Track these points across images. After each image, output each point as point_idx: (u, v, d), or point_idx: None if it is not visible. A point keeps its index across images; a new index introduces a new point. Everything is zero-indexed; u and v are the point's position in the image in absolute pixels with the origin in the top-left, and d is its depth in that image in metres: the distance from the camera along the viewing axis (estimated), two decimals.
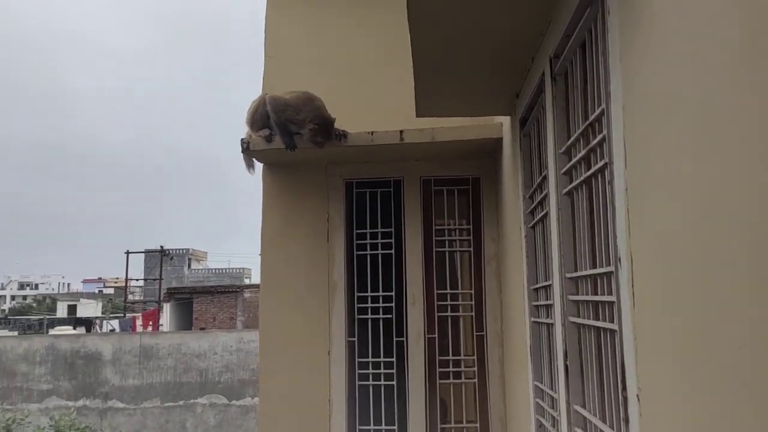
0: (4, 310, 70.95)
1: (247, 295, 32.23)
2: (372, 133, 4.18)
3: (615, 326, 1.76)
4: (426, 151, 4.38)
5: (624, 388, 1.67)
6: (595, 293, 2.04)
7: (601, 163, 1.85)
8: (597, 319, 2.02)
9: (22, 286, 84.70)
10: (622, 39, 1.61)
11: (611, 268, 1.78)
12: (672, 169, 1.33)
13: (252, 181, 4.64)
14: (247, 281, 43.03)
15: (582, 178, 2.12)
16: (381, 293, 4.61)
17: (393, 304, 4.60)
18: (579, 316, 2.27)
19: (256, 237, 4.64)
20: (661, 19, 1.39)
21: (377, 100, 4.56)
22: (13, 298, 79.30)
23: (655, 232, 1.44)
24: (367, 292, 4.62)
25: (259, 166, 4.65)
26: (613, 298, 1.76)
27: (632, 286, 1.59)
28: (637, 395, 1.57)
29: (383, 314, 4.59)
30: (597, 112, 1.87)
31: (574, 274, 2.30)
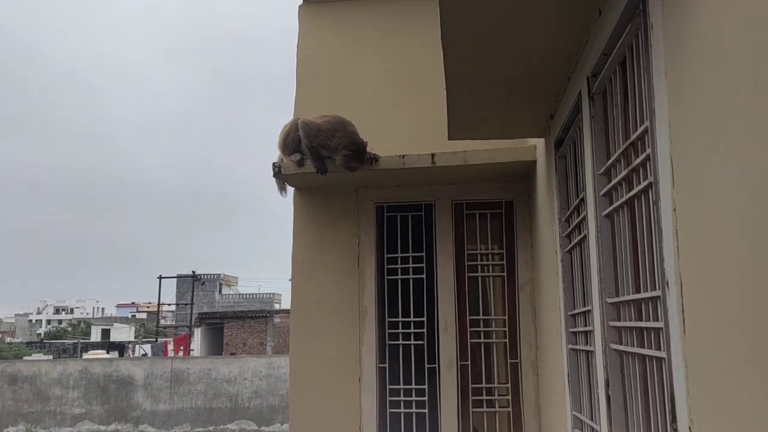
0: (39, 334, 72.22)
1: (277, 320, 32.31)
2: (403, 156, 4.15)
3: (663, 354, 1.68)
4: (458, 174, 4.33)
5: (674, 420, 1.58)
6: (640, 319, 1.95)
7: (645, 183, 1.78)
8: (642, 346, 1.93)
9: (57, 311, 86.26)
10: (667, 54, 1.56)
11: (658, 293, 1.70)
12: (727, 188, 1.26)
13: (283, 206, 4.67)
14: (277, 306, 43.16)
15: (623, 199, 2.04)
16: (412, 319, 4.53)
17: (424, 330, 4.52)
18: (621, 343, 2.17)
19: (286, 262, 4.62)
20: (710, 34, 1.33)
21: (409, 124, 4.54)
22: (48, 322, 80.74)
23: (708, 253, 1.36)
24: (398, 317, 4.55)
25: (290, 190, 4.65)
26: (660, 324, 1.68)
27: (682, 311, 1.51)
28: (689, 427, 1.48)
29: (414, 340, 4.51)
30: (640, 130, 1.81)
31: (616, 299, 2.21)
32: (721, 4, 1.30)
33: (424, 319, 4.52)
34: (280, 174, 4.33)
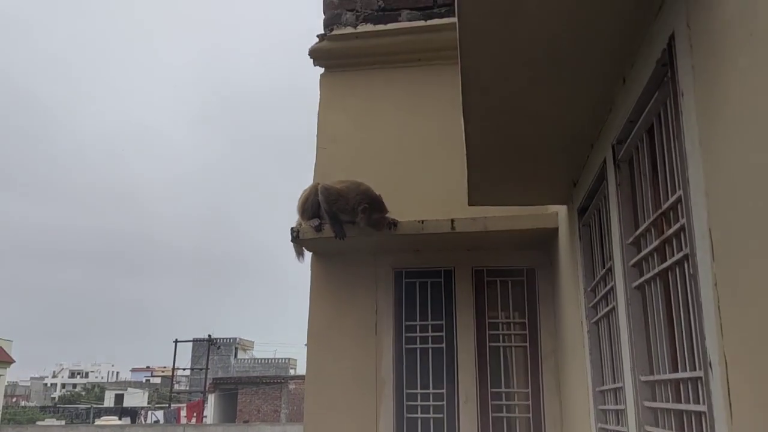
0: (54, 398, 71.62)
1: (292, 386, 31.74)
2: (422, 221, 4.09)
3: None
4: (478, 240, 4.25)
5: None
6: (679, 400, 1.82)
7: (680, 255, 1.69)
8: (682, 430, 1.79)
9: (72, 374, 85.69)
10: (700, 121, 1.50)
11: (699, 373, 1.58)
12: None
13: (300, 270, 4.60)
14: (292, 372, 42.53)
15: (656, 270, 1.95)
16: (431, 390, 4.36)
17: (444, 402, 4.34)
18: (658, 426, 2.03)
19: (302, 326, 4.51)
20: (747, 99, 1.27)
21: (428, 189, 4.50)
22: (63, 386, 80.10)
23: (756, 332, 1.26)
24: (416, 388, 4.38)
25: (308, 255, 4.59)
26: (703, 408, 1.55)
27: (728, 394, 1.39)
28: None
29: (434, 413, 4.33)
30: (672, 199, 1.73)
31: (650, 378, 2.08)
32: (754, 66, 1.24)
33: (444, 390, 4.35)
34: (298, 239, 4.29)
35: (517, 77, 2.24)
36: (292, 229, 4.33)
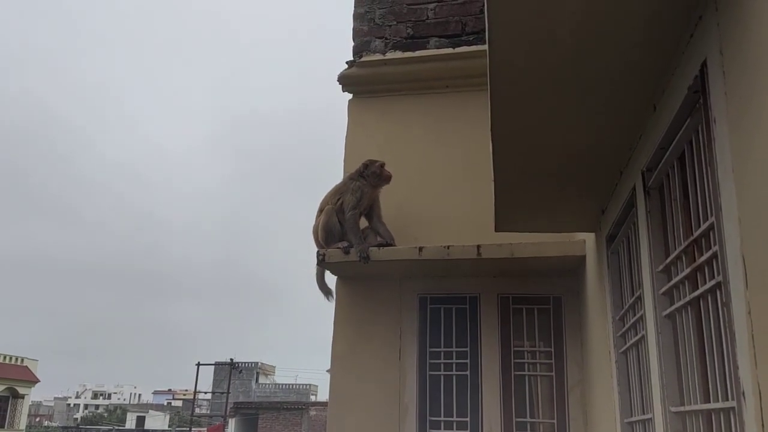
0: (77, 419, 72.07)
1: (312, 412, 31.53)
2: (448, 247, 4.09)
3: None
4: (504, 267, 4.22)
5: None
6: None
7: (712, 283, 1.67)
8: None
9: (95, 395, 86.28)
10: (733, 148, 1.49)
11: (732, 404, 1.55)
12: None
13: (321, 298, 4.63)
14: (313, 398, 42.28)
15: (687, 299, 1.92)
16: (455, 419, 4.31)
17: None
18: None
19: (324, 351, 4.52)
20: None
21: (454, 215, 4.51)
22: (86, 406, 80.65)
23: None
24: (440, 416, 4.33)
25: (331, 280, 4.61)
26: None
27: (762, 425, 1.36)
28: None
29: None
30: (704, 226, 1.72)
31: (681, 409, 2.04)
32: None
33: (468, 419, 4.29)
34: (324, 262, 4.31)
35: (547, 103, 2.25)
36: (318, 252, 4.35)
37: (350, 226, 4.29)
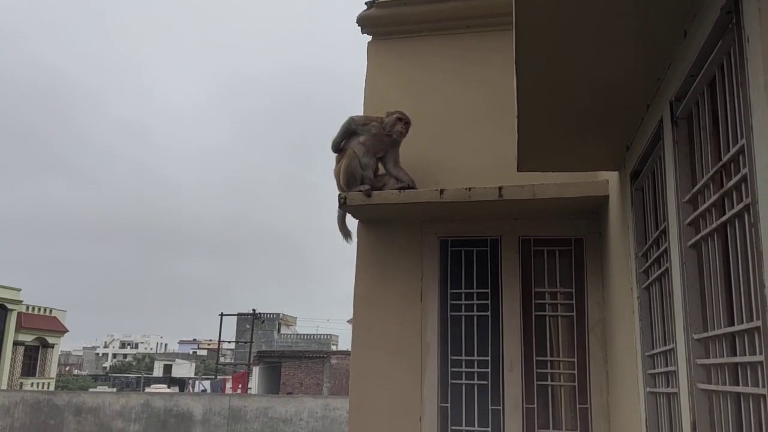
0: (105, 367, 74.45)
1: (334, 361, 32.21)
2: (469, 189, 4.08)
3: (763, 390, 1.53)
4: (525, 209, 4.22)
5: None
6: (734, 354, 1.80)
7: (740, 205, 1.66)
8: (736, 384, 1.78)
9: (123, 345, 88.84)
10: (766, 66, 1.46)
11: (756, 323, 1.56)
12: None
13: (340, 250, 4.72)
14: (334, 348, 43.12)
15: (714, 225, 1.92)
16: (476, 357, 4.39)
17: (488, 370, 4.36)
18: (710, 383, 2.02)
19: (344, 304, 4.62)
20: None
21: (476, 157, 4.49)
22: (114, 356, 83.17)
23: None
24: (461, 355, 4.41)
25: (353, 226, 4.65)
26: (760, 358, 1.54)
27: None
28: None
29: (478, 380, 4.36)
30: (734, 149, 1.70)
31: (703, 335, 2.06)
32: None
33: (489, 357, 4.37)
34: (345, 205, 4.34)
35: (573, 36, 2.21)
36: (339, 195, 4.37)
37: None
